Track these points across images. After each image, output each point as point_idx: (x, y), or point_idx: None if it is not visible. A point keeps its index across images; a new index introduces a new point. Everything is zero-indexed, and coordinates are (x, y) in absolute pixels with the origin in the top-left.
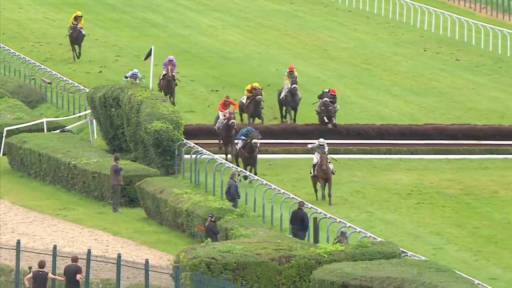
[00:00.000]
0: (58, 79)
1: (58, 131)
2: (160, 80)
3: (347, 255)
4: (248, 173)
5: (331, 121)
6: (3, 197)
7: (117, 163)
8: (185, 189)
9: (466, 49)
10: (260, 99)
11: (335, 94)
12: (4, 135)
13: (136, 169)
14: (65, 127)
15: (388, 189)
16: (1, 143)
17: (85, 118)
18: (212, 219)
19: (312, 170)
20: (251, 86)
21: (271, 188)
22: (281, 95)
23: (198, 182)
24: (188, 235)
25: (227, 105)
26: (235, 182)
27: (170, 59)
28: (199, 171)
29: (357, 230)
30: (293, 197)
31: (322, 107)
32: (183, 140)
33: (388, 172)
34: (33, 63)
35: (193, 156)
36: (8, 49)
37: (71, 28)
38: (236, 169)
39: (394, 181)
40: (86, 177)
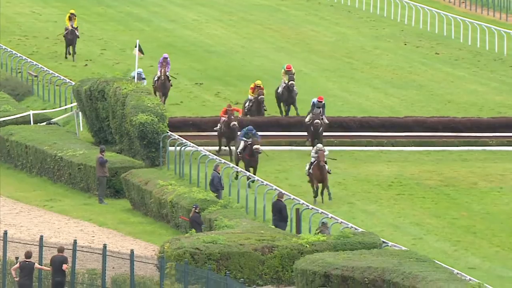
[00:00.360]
0: (44, 72)
1: (44, 123)
2: (154, 82)
3: (329, 246)
4: (249, 173)
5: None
6: None
7: (103, 155)
8: (169, 181)
9: (445, 43)
10: (262, 98)
11: (322, 101)
12: None
13: (121, 161)
14: (52, 120)
15: (369, 181)
16: None
17: (71, 111)
18: (196, 210)
19: (308, 168)
20: (254, 85)
21: (254, 180)
22: (278, 90)
23: (183, 173)
24: (173, 226)
25: (230, 112)
26: (219, 174)
27: (164, 57)
28: (183, 163)
29: (338, 221)
30: (276, 189)
31: (311, 125)
32: (167, 133)
33: (369, 164)
34: (20, 56)
35: (178, 148)
36: None
37: (67, 29)
38: (243, 172)
39: (375, 172)
40: (72, 169)
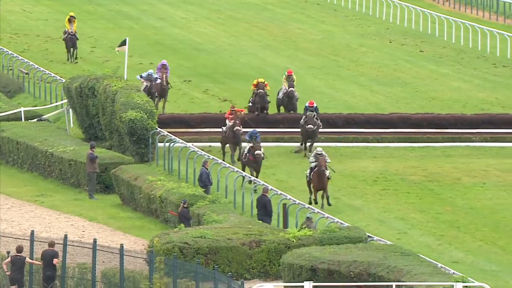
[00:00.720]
0: (35, 69)
1: (35, 120)
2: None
3: (315, 240)
4: (256, 179)
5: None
6: None
7: (93, 151)
8: (158, 176)
9: (429, 41)
10: (262, 92)
11: (313, 106)
12: None
13: (111, 157)
14: (42, 116)
15: (354, 176)
16: None
17: (62, 108)
18: (184, 205)
19: (308, 174)
20: (256, 81)
21: (241, 175)
22: (279, 95)
23: (171, 169)
24: (162, 220)
25: (234, 114)
26: (207, 169)
27: (163, 64)
28: (172, 159)
29: (325, 216)
30: (263, 184)
31: (306, 123)
32: (157, 129)
33: (355, 160)
34: (11, 54)
35: (167, 144)
36: None
37: (66, 33)
38: (250, 177)
39: (360, 168)
40: (62, 164)
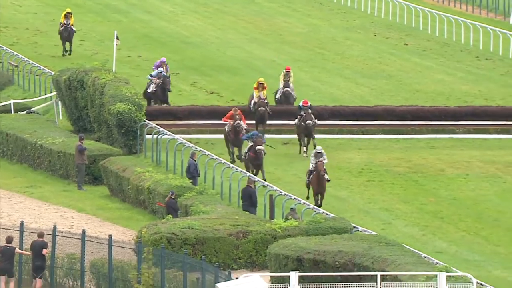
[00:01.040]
0: (24, 62)
1: (24, 112)
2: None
3: (301, 231)
4: (257, 178)
5: (310, 138)
6: None
7: (82, 143)
8: (146, 168)
9: (414, 34)
10: (262, 110)
11: (308, 105)
12: None
13: (100, 148)
14: (32, 109)
15: (340, 168)
16: None
17: (51, 100)
18: (172, 196)
19: (308, 177)
20: (257, 83)
21: (229, 167)
22: (276, 96)
23: (159, 161)
24: (150, 211)
25: (234, 116)
26: (195, 161)
27: (162, 61)
28: (160, 150)
29: (310, 207)
30: (249, 175)
31: (302, 122)
32: (145, 121)
33: (340, 152)
34: (0, 47)
35: (155, 136)
36: None
37: (62, 26)
38: (251, 176)
39: (345, 160)
40: (51, 156)
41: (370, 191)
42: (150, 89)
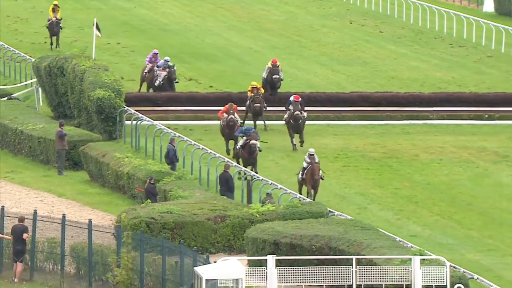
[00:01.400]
0: (5, 49)
1: (5, 98)
2: (144, 74)
3: (278, 215)
4: (252, 172)
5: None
6: None
7: (62, 128)
8: (126, 153)
9: (389, 22)
10: (258, 104)
11: (299, 100)
12: None
13: (80, 134)
14: (12, 95)
15: (316, 153)
16: None
17: (31, 86)
18: (151, 181)
19: (301, 174)
20: (251, 87)
21: (207, 152)
22: (264, 75)
23: (139, 146)
24: (129, 196)
25: (229, 111)
26: (174, 146)
27: (155, 53)
28: (139, 136)
29: (287, 192)
30: (227, 161)
31: (291, 118)
32: (124, 107)
33: (317, 137)
34: None
35: (134, 122)
36: None
37: (50, 20)
38: (241, 169)
39: (322, 145)
40: (32, 142)
41: (346, 176)
42: (157, 83)
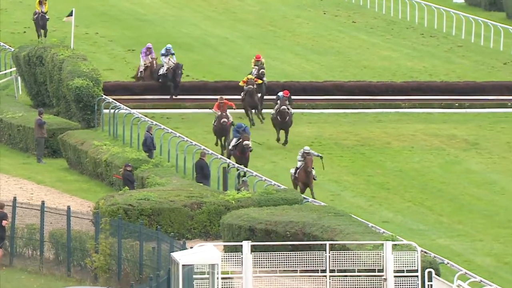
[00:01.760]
0: None
1: None
2: (139, 73)
3: (253, 202)
4: (246, 168)
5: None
6: None
7: (41, 117)
8: (104, 141)
9: (361, 12)
10: (251, 88)
11: (288, 95)
12: None
13: (58, 122)
14: None
15: (291, 141)
16: None
17: (11, 75)
18: (128, 168)
19: (293, 173)
20: (246, 79)
21: (183, 140)
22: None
23: (116, 134)
24: (107, 183)
25: (222, 106)
26: (151, 134)
27: (148, 47)
28: (117, 124)
29: (262, 179)
30: (204, 148)
31: (277, 115)
32: (102, 96)
33: (292, 125)
34: None
35: (112, 110)
36: None
37: (36, 14)
38: (233, 164)
39: (296, 133)
40: (11, 130)
41: (320, 164)
42: (161, 71)
